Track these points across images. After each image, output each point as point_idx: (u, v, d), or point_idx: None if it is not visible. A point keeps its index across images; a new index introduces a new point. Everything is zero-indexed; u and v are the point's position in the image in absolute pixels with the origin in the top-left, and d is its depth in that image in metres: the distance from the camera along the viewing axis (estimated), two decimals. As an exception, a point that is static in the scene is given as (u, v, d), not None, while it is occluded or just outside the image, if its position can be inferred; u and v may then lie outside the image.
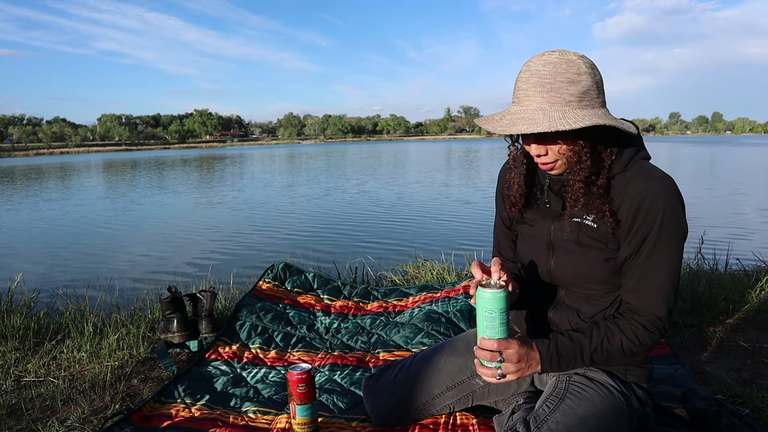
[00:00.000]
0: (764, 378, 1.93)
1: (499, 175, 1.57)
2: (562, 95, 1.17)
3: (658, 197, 1.22)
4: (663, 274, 1.25)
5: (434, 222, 9.69)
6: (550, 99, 1.17)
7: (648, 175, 1.25)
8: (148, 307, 2.78)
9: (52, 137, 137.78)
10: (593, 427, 1.23)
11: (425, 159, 37.98)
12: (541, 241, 1.41)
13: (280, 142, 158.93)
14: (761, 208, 10.52)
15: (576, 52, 1.21)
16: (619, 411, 1.29)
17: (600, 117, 1.18)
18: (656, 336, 1.27)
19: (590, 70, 1.19)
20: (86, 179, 26.05)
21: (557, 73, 1.17)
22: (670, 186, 1.23)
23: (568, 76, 1.17)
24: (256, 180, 21.93)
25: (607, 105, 1.25)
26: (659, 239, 1.23)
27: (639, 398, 1.36)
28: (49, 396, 1.94)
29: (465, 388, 1.56)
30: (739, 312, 2.58)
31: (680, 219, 1.24)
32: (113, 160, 57.16)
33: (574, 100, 1.17)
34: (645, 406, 1.38)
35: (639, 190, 1.23)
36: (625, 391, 1.34)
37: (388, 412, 1.61)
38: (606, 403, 1.29)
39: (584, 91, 1.18)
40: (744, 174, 20.11)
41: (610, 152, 1.26)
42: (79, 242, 8.73)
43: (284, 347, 2.35)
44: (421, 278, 3.39)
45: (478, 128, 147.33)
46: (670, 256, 1.24)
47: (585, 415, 1.25)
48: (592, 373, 1.36)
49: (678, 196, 1.24)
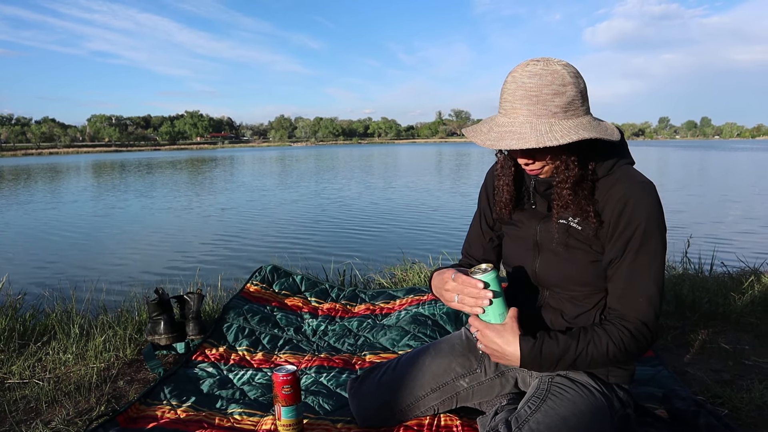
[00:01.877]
0: (744, 379, 1.96)
1: (486, 175, 1.58)
2: (548, 107, 1.19)
3: (640, 201, 1.25)
4: (648, 279, 1.27)
5: (423, 225, 9.72)
6: (536, 111, 1.19)
7: (631, 179, 1.28)
8: (135, 309, 2.78)
9: (41, 137, 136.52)
10: (574, 427, 1.25)
11: (416, 162, 38.04)
12: (527, 243, 1.43)
13: (271, 145, 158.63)
14: (746, 213, 10.63)
15: (560, 61, 1.23)
16: (600, 411, 1.31)
17: (585, 128, 1.20)
18: (642, 345, 1.28)
19: (574, 80, 1.21)
20: (74, 180, 25.85)
21: (543, 85, 1.19)
22: (651, 191, 1.26)
23: (553, 88, 1.19)
24: (246, 182, 21.86)
25: (591, 110, 1.28)
26: (643, 244, 1.25)
27: (620, 399, 1.38)
28: (34, 398, 1.93)
29: (449, 389, 1.57)
30: (722, 314, 2.61)
31: (661, 223, 1.27)
32: (102, 161, 56.78)
33: (560, 111, 1.20)
34: (626, 407, 1.40)
35: (622, 194, 1.26)
36: (606, 392, 1.36)
37: (374, 413, 1.62)
38: (587, 403, 1.31)
39: (569, 102, 1.20)
40: (730, 179, 20.32)
41: (594, 157, 1.29)
42: (66, 244, 8.66)
43: (271, 349, 2.35)
44: (409, 281, 3.40)
45: None
46: (654, 260, 1.26)
47: (566, 416, 1.26)
48: (573, 374, 1.38)
49: (658, 201, 1.27)
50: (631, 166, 1.34)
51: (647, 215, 1.25)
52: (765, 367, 2.07)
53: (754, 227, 8.82)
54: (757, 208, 11.20)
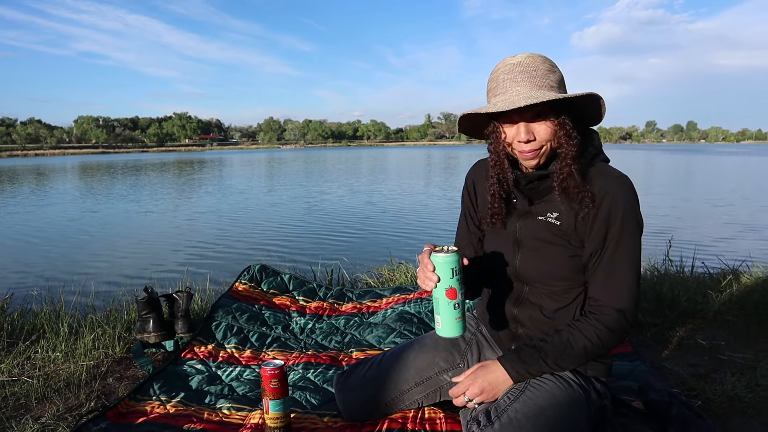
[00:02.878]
0: (718, 373, 2.03)
1: (467, 177, 1.63)
2: (546, 81, 1.28)
3: (618, 195, 1.31)
4: (627, 269, 1.33)
5: (410, 227, 9.77)
6: (537, 83, 1.28)
7: (607, 174, 1.35)
8: (124, 308, 2.79)
9: (26, 138, 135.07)
10: (551, 416, 1.30)
11: (404, 165, 38.13)
12: (508, 239, 1.47)
13: (260, 147, 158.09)
14: (729, 216, 10.81)
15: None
16: (578, 402, 1.36)
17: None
18: (617, 336, 1.35)
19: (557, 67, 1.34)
20: (60, 182, 25.63)
21: (539, 62, 1.30)
22: (628, 185, 1.33)
23: (547, 66, 1.30)
24: (234, 184, 21.81)
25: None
26: (622, 236, 1.31)
27: (598, 391, 1.44)
28: (23, 395, 1.95)
29: (433, 383, 1.62)
30: (700, 312, 2.69)
31: (638, 216, 1.33)
32: (89, 162, 56.30)
33: (555, 86, 1.29)
34: (603, 399, 1.45)
35: (600, 187, 1.32)
36: (584, 384, 1.41)
37: (359, 408, 1.66)
38: (565, 394, 1.36)
39: (560, 81, 1.32)
40: (714, 183, 20.60)
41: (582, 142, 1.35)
42: (55, 244, 8.62)
43: (259, 347, 2.38)
44: (396, 280, 3.45)
45: (458, 135, 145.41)
46: (632, 251, 1.33)
47: (544, 405, 1.31)
48: None
49: (635, 194, 1.33)
50: (606, 163, 1.39)
51: (625, 208, 1.31)
52: (739, 361, 2.15)
53: (735, 229, 8.97)
54: (739, 211, 11.38)
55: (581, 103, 1.32)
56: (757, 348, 2.28)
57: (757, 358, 2.15)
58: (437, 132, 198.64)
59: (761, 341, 2.34)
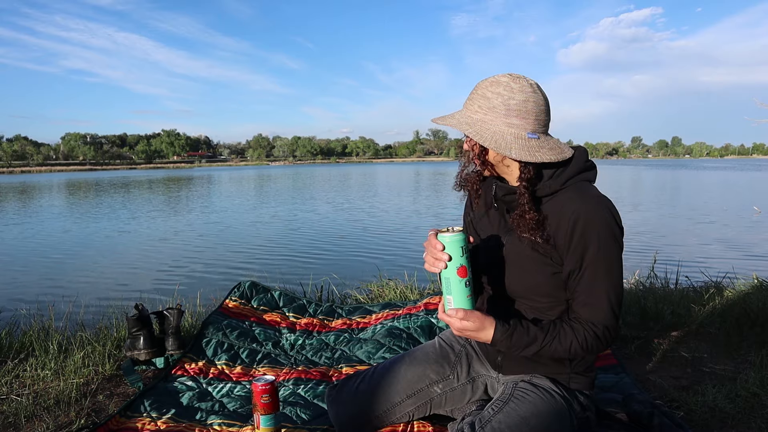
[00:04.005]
0: (700, 384, 2.08)
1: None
2: (476, 105, 1.41)
3: (593, 216, 1.33)
4: (607, 287, 1.35)
5: (399, 243, 9.81)
6: (468, 104, 1.44)
7: (583, 194, 1.36)
8: (113, 326, 2.80)
9: (12, 155, 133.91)
10: (534, 427, 1.34)
11: (393, 181, 38.27)
12: (496, 253, 1.50)
13: (249, 164, 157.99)
14: (713, 231, 10.96)
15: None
16: (560, 413, 1.40)
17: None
18: (603, 345, 1.38)
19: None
20: (47, 198, 25.43)
21: (485, 86, 1.42)
22: (605, 206, 1.35)
23: (491, 91, 1.40)
24: (224, 201, 21.77)
25: (549, 130, 1.43)
26: (598, 257, 1.34)
27: (581, 403, 1.47)
28: (12, 413, 1.95)
29: (423, 395, 1.64)
30: (683, 325, 2.74)
31: (616, 236, 1.35)
32: (76, 180, 55.90)
33: (484, 111, 1.40)
34: (586, 411, 1.49)
35: (574, 209, 1.34)
36: (567, 396, 1.44)
37: (350, 420, 1.67)
38: (547, 405, 1.39)
39: (498, 106, 1.39)
40: (699, 198, 20.88)
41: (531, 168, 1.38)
42: (43, 262, 8.54)
43: (250, 363, 2.40)
44: (385, 296, 3.48)
45: (447, 151, 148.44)
46: (611, 270, 1.35)
47: (526, 416, 1.35)
48: (537, 380, 1.47)
49: (613, 215, 1.35)
50: (589, 182, 1.41)
51: (600, 228, 1.33)
52: (720, 373, 2.19)
53: (718, 244, 9.10)
54: (723, 226, 11.55)
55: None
56: (738, 360, 2.33)
57: (737, 370, 2.21)
58: (426, 148, 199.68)
59: (742, 353, 2.40)
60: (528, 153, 1.34)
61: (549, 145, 1.37)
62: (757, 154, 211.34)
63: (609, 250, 1.34)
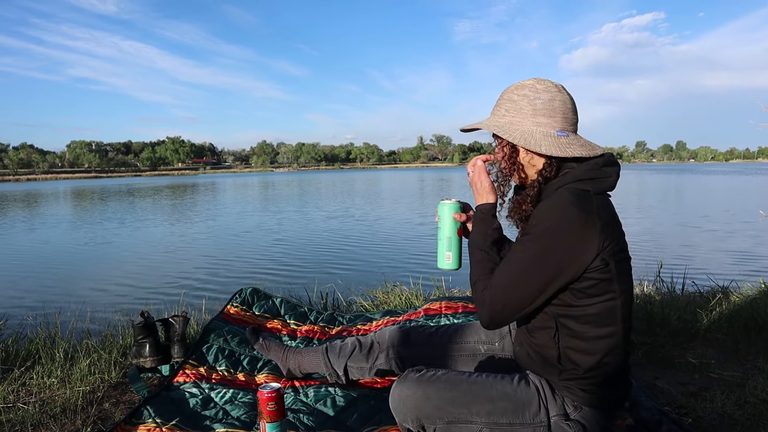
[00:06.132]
0: (708, 391, 2.06)
1: None
2: (502, 109, 1.47)
3: (545, 209, 1.32)
4: (504, 274, 1.37)
5: (405, 248, 9.81)
6: (494, 110, 1.50)
7: (558, 196, 1.33)
8: (119, 333, 2.80)
9: (18, 164, 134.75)
10: (494, 400, 1.43)
11: (398, 187, 38.29)
12: None
13: (253, 170, 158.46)
14: (718, 234, 10.92)
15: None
16: (525, 403, 1.42)
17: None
18: (481, 314, 1.42)
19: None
20: (53, 206, 25.56)
21: (510, 90, 1.47)
22: (560, 207, 1.30)
23: (516, 94, 1.46)
24: (229, 208, 21.83)
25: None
26: (524, 243, 1.34)
27: (565, 412, 1.42)
28: (19, 421, 1.95)
29: (471, 348, 1.91)
30: (690, 331, 2.73)
31: (552, 238, 1.30)
32: (82, 187, 56.18)
33: (507, 113, 1.46)
34: (568, 420, 1.42)
35: (541, 206, 1.35)
36: (546, 394, 1.43)
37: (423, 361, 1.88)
38: (515, 390, 1.44)
39: (523, 107, 1.43)
40: (705, 203, 20.81)
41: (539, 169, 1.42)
42: (49, 269, 8.59)
43: (251, 370, 2.40)
44: (390, 303, 3.47)
45: (451, 156, 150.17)
46: (519, 261, 1.34)
47: (492, 395, 1.44)
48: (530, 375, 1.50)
49: (562, 218, 1.29)
50: (580, 189, 1.34)
51: (539, 222, 1.32)
52: (728, 379, 2.18)
53: (725, 249, 9.06)
54: (729, 230, 11.50)
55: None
56: (746, 365, 2.32)
57: (746, 376, 2.19)
58: (430, 154, 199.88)
59: (750, 359, 2.38)
60: (558, 149, 1.35)
61: (579, 143, 1.39)
62: (762, 157, 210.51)
63: (533, 244, 1.32)
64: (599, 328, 1.35)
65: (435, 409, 1.43)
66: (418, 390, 1.45)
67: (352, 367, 2.09)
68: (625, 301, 1.35)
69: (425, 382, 1.46)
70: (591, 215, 1.28)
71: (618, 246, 1.32)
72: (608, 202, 1.36)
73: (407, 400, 1.45)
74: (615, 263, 1.31)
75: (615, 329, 1.35)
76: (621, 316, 1.35)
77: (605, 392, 1.41)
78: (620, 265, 1.33)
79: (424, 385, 1.46)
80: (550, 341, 1.41)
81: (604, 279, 1.31)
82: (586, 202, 1.30)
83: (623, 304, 1.35)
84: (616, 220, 1.34)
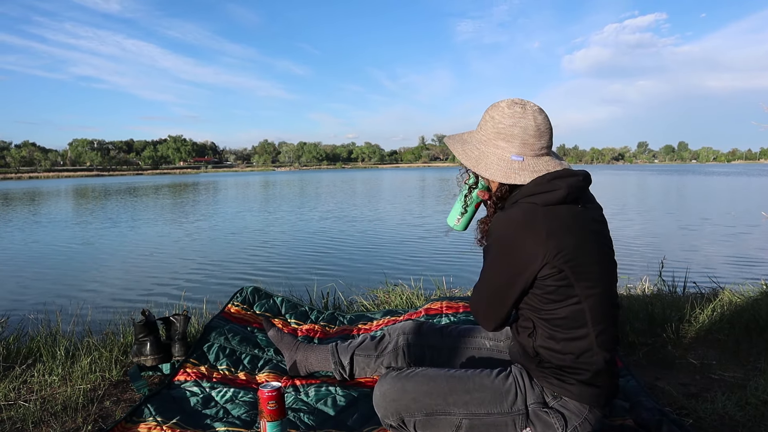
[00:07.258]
0: (709, 392, 2.06)
1: None
2: (470, 136, 1.56)
3: (495, 225, 1.42)
4: (480, 283, 1.50)
5: (406, 248, 9.81)
6: (466, 136, 1.58)
7: (506, 212, 1.42)
8: (120, 332, 2.80)
9: (20, 161, 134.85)
10: (471, 392, 1.49)
11: (399, 187, 38.28)
12: None
13: (254, 169, 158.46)
14: (720, 235, 10.90)
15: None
16: (502, 393, 1.48)
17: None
18: (475, 314, 1.54)
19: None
20: (55, 205, 25.59)
21: (485, 119, 1.53)
22: (507, 219, 1.39)
23: (488, 123, 1.52)
24: (230, 207, 21.84)
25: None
26: (487, 255, 1.47)
27: (543, 400, 1.46)
28: (20, 419, 1.96)
29: (477, 343, 1.94)
30: (691, 331, 2.72)
31: (505, 246, 1.40)
32: (84, 185, 56.24)
33: (472, 141, 1.54)
34: (546, 408, 1.45)
35: (493, 220, 1.45)
36: (524, 383, 1.48)
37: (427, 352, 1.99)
38: (492, 383, 1.50)
39: (489, 136, 1.51)
40: (706, 202, 20.78)
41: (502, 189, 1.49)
42: (50, 267, 8.60)
43: (252, 369, 2.40)
44: (391, 303, 3.47)
45: (452, 157, 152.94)
46: (486, 270, 1.47)
47: (470, 387, 1.50)
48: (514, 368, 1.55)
49: (511, 228, 1.38)
50: (527, 203, 1.39)
51: (493, 237, 1.42)
52: (730, 380, 2.18)
53: (727, 250, 9.05)
54: (732, 232, 11.48)
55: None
56: (748, 367, 2.31)
57: (747, 377, 2.19)
58: (431, 154, 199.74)
59: (752, 360, 2.38)
60: (502, 174, 1.43)
61: (532, 168, 1.43)
62: (764, 159, 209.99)
63: (492, 255, 1.44)
64: (569, 330, 1.40)
65: (413, 401, 1.49)
66: (396, 384, 1.53)
67: (359, 356, 2.11)
68: (593, 305, 1.38)
69: (404, 377, 1.54)
70: (534, 227, 1.34)
71: (573, 253, 1.34)
72: (559, 214, 1.37)
73: (386, 394, 1.53)
74: (571, 269, 1.34)
75: (586, 331, 1.39)
76: (591, 318, 1.38)
77: (583, 388, 1.43)
78: (579, 270, 1.35)
79: (403, 380, 1.53)
80: (528, 339, 1.47)
81: (562, 285, 1.36)
82: (531, 215, 1.36)
83: (591, 308, 1.38)
84: (570, 229, 1.36)
